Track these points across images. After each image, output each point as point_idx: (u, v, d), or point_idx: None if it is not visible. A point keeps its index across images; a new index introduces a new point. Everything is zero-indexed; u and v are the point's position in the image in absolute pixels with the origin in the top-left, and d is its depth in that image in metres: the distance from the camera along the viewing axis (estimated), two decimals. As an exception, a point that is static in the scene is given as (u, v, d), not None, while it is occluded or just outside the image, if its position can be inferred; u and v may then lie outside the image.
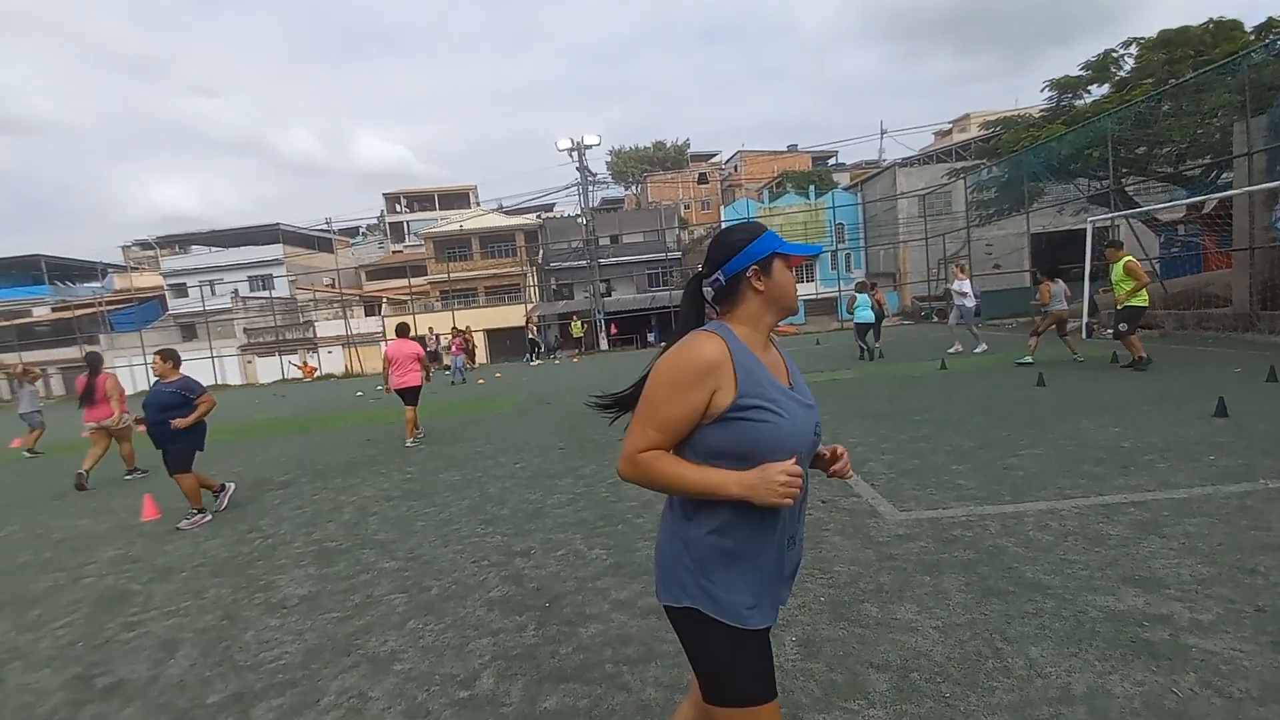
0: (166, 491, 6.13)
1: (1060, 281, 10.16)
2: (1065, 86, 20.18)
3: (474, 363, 23.65)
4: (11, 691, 2.87)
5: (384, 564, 3.99)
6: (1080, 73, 19.56)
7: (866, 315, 13.54)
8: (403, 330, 8.72)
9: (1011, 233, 23.60)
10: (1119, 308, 8.69)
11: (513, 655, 2.74)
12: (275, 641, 3.08)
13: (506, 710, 2.36)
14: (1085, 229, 14.39)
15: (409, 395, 8.28)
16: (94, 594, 3.98)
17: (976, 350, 12.39)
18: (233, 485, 6.08)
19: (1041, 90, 20.84)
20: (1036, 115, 22.57)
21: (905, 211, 32.31)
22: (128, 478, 7.88)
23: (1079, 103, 20.09)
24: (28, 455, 10.92)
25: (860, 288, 14.07)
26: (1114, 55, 18.56)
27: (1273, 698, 2.04)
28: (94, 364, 7.88)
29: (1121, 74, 18.65)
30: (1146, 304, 8.75)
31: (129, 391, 11.32)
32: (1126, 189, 17.85)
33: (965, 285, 12.47)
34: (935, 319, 26.77)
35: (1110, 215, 15.86)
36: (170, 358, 5.65)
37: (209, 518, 5.55)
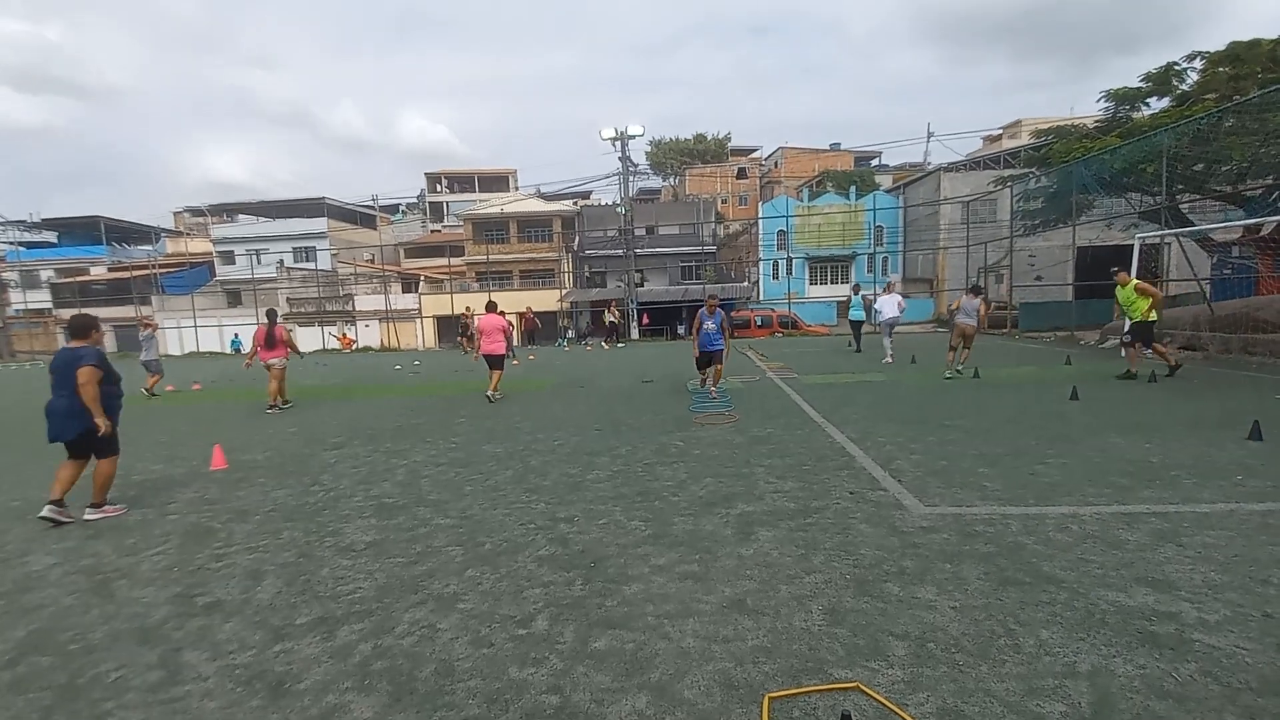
0: (249, 441, 6.57)
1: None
2: (1123, 98, 19.72)
3: (518, 345, 24.16)
4: (123, 603, 3.27)
5: (439, 520, 4.34)
6: (1140, 84, 19.09)
7: (859, 315, 16.44)
8: (492, 307, 10.66)
9: (1056, 244, 23.17)
10: (1134, 324, 9.58)
11: (563, 604, 3.04)
12: (349, 578, 3.43)
13: (561, 647, 2.66)
14: (1133, 245, 14.16)
15: (494, 361, 10.24)
16: (180, 528, 4.40)
17: (886, 358, 13.53)
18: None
19: (1098, 100, 20.41)
20: (1091, 126, 22.07)
21: (947, 217, 31.86)
22: (269, 411, 9.82)
23: (1136, 115, 19.62)
24: (145, 394, 12.39)
25: (855, 290, 17.26)
26: (1176, 68, 18.07)
27: (1271, 691, 2.22)
28: (272, 317, 10.34)
29: (1184, 88, 18.16)
30: (1158, 319, 9.72)
31: (178, 353, 12.56)
32: (1180, 206, 17.44)
33: (890, 300, 13.88)
34: (971, 328, 26.44)
35: (1161, 233, 15.56)
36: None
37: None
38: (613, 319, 27.30)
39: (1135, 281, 9.64)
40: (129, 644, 2.85)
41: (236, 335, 35.22)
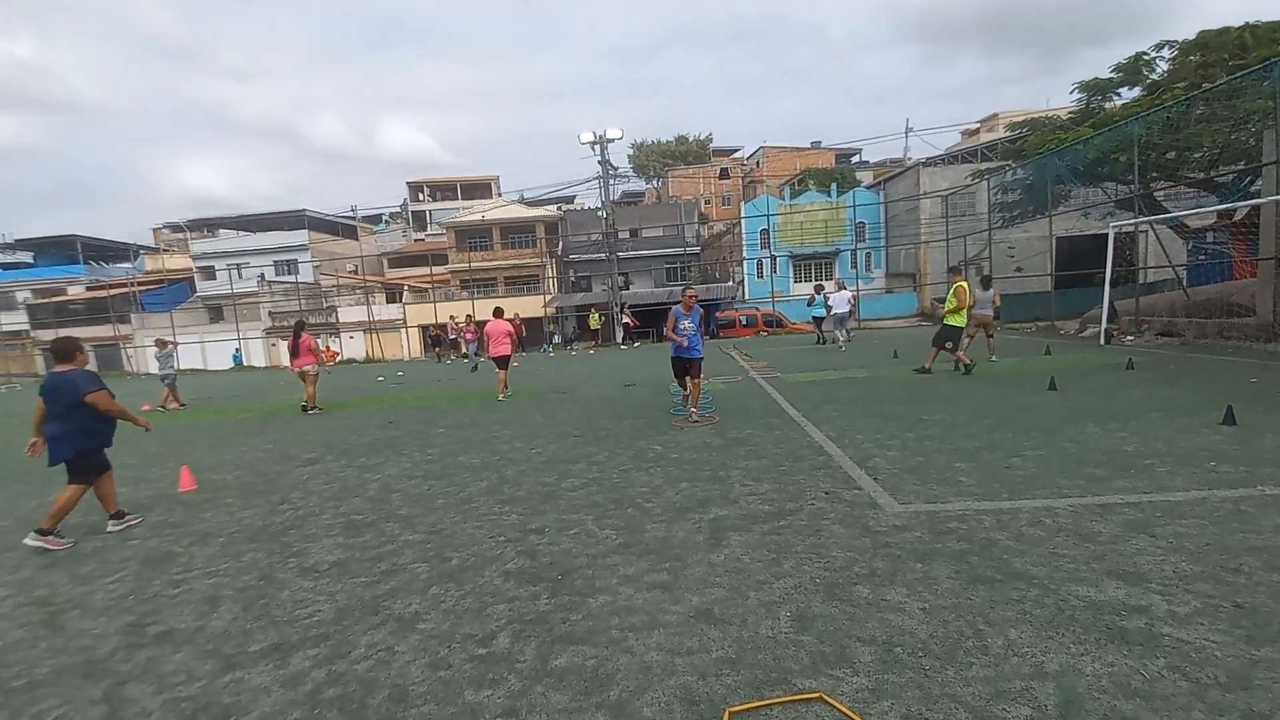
0: (221, 461, 6.43)
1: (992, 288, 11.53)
2: (1095, 89, 19.93)
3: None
4: (73, 635, 3.15)
5: (407, 536, 4.24)
6: (1111, 75, 19.30)
7: (820, 312, 18.58)
8: (498, 312, 11.56)
9: (1035, 235, 23.38)
10: (944, 325, 10.61)
11: (527, 620, 2.96)
12: (309, 601, 3.33)
13: (521, 666, 2.58)
14: (1109, 233, 14.28)
15: (501, 362, 11.21)
16: (140, 554, 4.28)
17: (840, 346, 16.68)
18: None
19: (1070, 92, 20.62)
20: (1065, 117, 22.29)
21: (928, 212, 32.04)
22: (312, 413, 10.87)
23: (1108, 105, 19.82)
24: (161, 410, 13.40)
25: (818, 289, 19.15)
26: (1146, 58, 18.27)
27: (1239, 685, 2.18)
28: (299, 327, 11.15)
29: (1154, 77, 18.37)
30: (963, 324, 10.52)
31: (157, 372, 12.92)
32: (1154, 194, 17.62)
33: (841, 296, 17.09)
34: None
35: (1135, 220, 15.69)
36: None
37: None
38: (627, 320, 27.31)
39: (960, 283, 10.44)
40: (74, 679, 2.74)
41: (238, 350, 34.78)
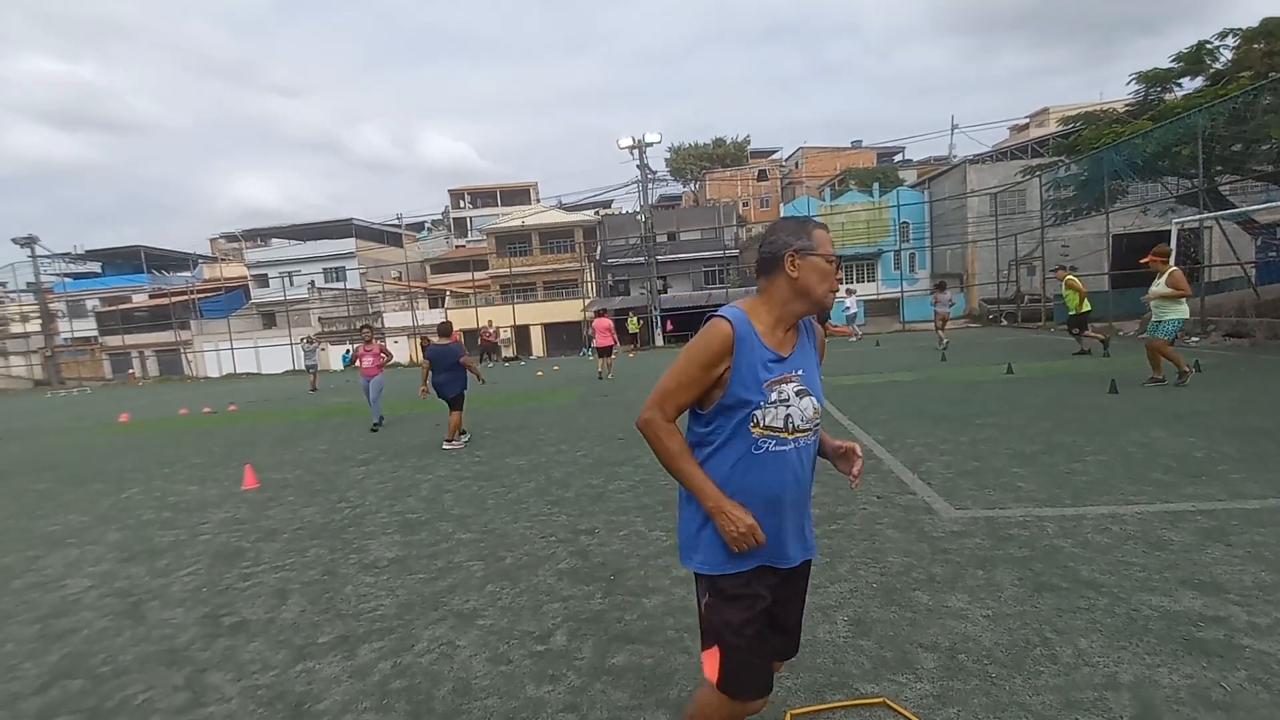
0: (281, 461, 6.68)
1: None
2: (1154, 80, 19.10)
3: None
4: (154, 625, 3.33)
5: (461, 535, 4.34)
6: (1171, 65, 18.48)
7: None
8: (601, 312, 14.12)
9: (1090, 233, 22.50)
10: (1071, 315, 12.22)
11: (582, 618, 3.00)
12: (372, 595, 3.45)
13: (579, 663, 2.62)
14: (1170, 230, 13.67)
15: (605, 351, 14.58)
16: (211, 549, 4.49)
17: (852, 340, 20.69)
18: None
19: (1128, 84, 19.81)
20: (1121, 110, 21.43)
21: (975, 210, 31.20)
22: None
23: (1168, 97, 18.98)
24: (311, 391, 17.75)
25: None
26: (1209, 46, 17.44)
27: (1327, 699, 2.08)
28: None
29: (1217, 66, 17.52)
30: (1090, 309, 12.17)
31: (215, 376, 13.24)
32: (1219, 188, 16.79)
33: (847, 299, 21.28)
34: (1004, 322, 25.82)
35: (1199, 216, 15.00)
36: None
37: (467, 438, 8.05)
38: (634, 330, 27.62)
39: (1069, 276, 12.09)
40: (157, 666, 2.90)
41: (348, 350, 35.72)
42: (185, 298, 41.68)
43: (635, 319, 30.69)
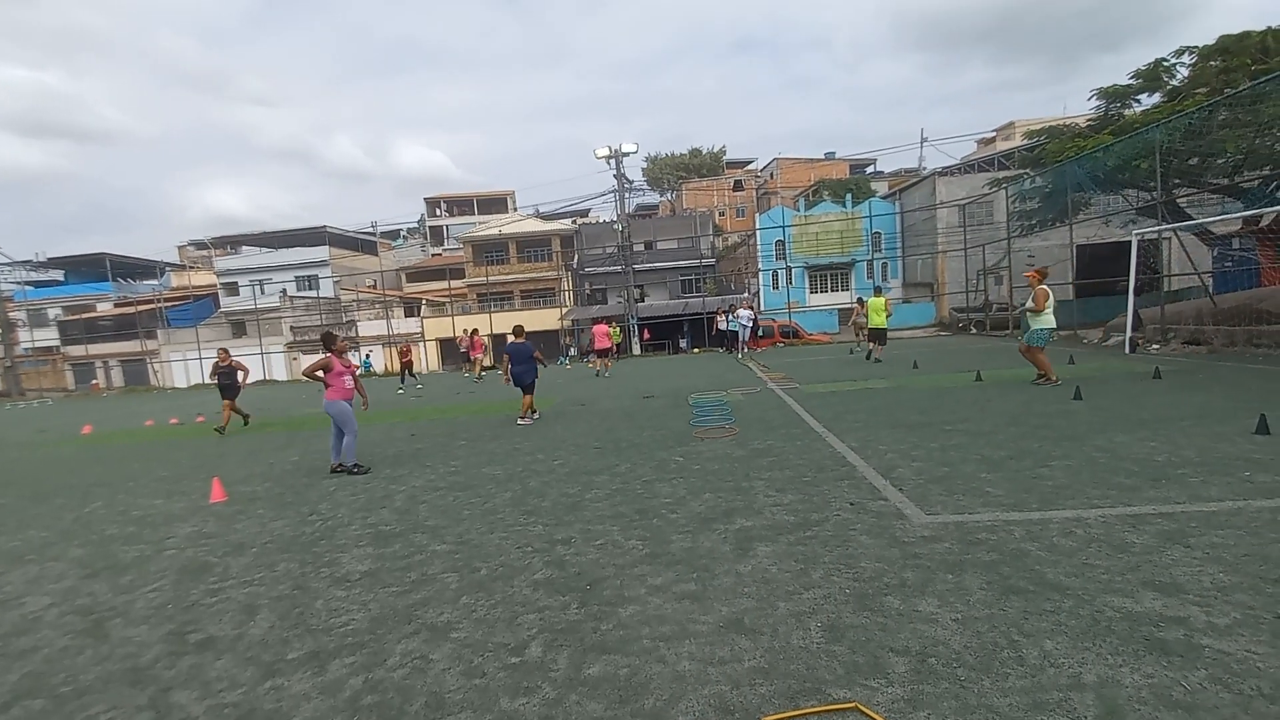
0: (250, 473, 6.53)
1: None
2: (1114, 95, 19.74)
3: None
4: (117, 643, 3.23)
5: (435, 547, 4.29)
6: (1130, 81, 19.13)
7: (735, 326, 22.32)
8: (599, 320, 13.99)
9: (1055, 244, 23.12)
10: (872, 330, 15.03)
11: (558, 629, 2.99)
12: (343, 609, 3.39)
13: (554, 675, 2.60)
14: (1131, 241, 14.11)
15: (603, 353, 16.57)
16: (177, 564, 4.37)
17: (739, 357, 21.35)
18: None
19: (1089, 99, 20.45)
20: (1083, 125, 22.12)
21: (944, 221, 31.88)
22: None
23: (1128, 112, 19.64)
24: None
25: (731, 309, 23.14)
26: (1166, 64, 18.10)
27: (1282, 695, 2.15)
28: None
29: (1174, 83, 18.18)
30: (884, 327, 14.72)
31: (183, 386, 12.80)
32: (1177, 201, 17.37)
33: (744, 314, 22.16)
34: (973, 330, 26.36)
35: (1159, 228, 15.49)
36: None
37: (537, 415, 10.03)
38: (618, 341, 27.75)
39: (883, 299, 14.74)
40: (120, 685, 2.81)
41: (368, 356, 34.76)
42: (151, 306, 40.64)
43: (616, 328, 30.68)
